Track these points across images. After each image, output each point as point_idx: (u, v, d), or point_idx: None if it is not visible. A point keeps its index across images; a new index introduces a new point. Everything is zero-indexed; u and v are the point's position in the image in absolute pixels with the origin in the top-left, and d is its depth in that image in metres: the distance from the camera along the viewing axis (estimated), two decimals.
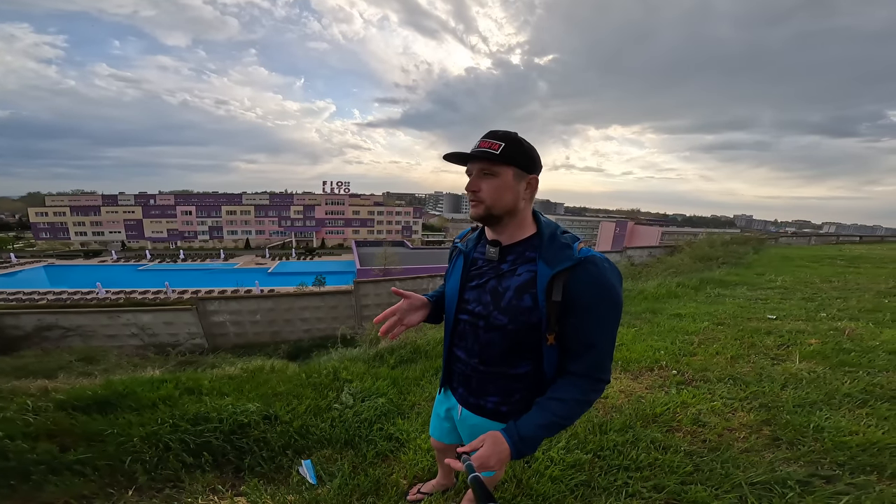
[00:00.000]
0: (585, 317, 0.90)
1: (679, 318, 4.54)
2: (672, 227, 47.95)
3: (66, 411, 2.23)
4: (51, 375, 3.87)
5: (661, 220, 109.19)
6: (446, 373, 1.19)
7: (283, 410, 2.38)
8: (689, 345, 3.55)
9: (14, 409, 2.09)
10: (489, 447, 0.84)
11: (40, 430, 1.90)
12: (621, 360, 3.24)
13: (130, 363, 5.04)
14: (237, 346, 8.18)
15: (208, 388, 2.79)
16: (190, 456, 1.84)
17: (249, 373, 3.31)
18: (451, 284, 1.10)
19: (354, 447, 2.06)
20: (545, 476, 1.75)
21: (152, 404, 2.41)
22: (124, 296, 23.07)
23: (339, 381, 2.83)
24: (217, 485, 1.70)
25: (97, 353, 5.80)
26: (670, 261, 10.97)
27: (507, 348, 1.00)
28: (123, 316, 8.52)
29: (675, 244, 13.67)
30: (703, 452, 1.90)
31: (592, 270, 0.89)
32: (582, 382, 0.93)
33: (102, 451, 1.76)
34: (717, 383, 2.71)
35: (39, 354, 5.44)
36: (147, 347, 7.57)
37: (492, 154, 0.92)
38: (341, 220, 58.56)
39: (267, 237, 55.08)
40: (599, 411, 2.39)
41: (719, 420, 2.21)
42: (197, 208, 53.78)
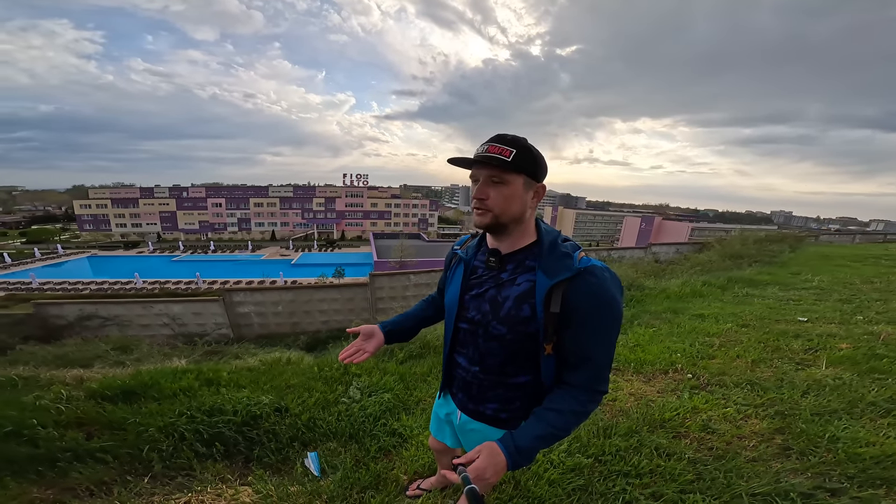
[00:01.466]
0: (583, 328, 0.89)
1: (701, 318, 4.39)
2: (703, 223, 46.06)
3: (96, 400, 2.39)
4: (87, 364, 4.17)
5: (692, 215, 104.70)
6: (446, 378, 1.20)
7: (293, 403, 2.47)
8: (709, 347, 3.43)
9: (49, 398, 2.26)
10: (485, 459, 0.83)
11: (70, 418, 2.05)
12: (634, 361, 3.17)
13: (161, 353, 5.33)
14: (260, 337, 8.51)
15: (226, 380, 2.92)
16: (203, 446, 1.95)
17: (267, 365, 3.45)
18: (451, 292, 1.10)
19: (358, 441, 2.12)
20: (543, 479, 1.74)
21: (173, 395, 2.55)
22: (159, 286, 24.31)
23: (348, 375, 2.91)
24: (227, 474, 1.79)
25: (131, 342, 6.17)
26: (698, 258, 10.58)
27: (505, 357, 1.00)
28: (156, 306, 9.00)
29: (705, 241, 13.13)
30: (708, 460, 1.85)
31: (592, 281, 0.88)
32: (579, 394, 0.92)
33: (124, 440, 1.89)
34: (733, 388, 2.62)
35: (80, 343, 5.84)
36: (177, 337, 7.99)
37: (503, 161, 0.88)
38: (360, 213, 59.55)
39: (291, 229, 56.62)
40: (606, 415, 2.36)
41: (730, 427, 2.13)
42: (226, 200, 55.74)
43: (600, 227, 77.00)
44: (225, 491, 1.57)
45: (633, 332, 3.99)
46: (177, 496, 1.50)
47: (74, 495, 1.53)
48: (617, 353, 3.39)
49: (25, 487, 1.51)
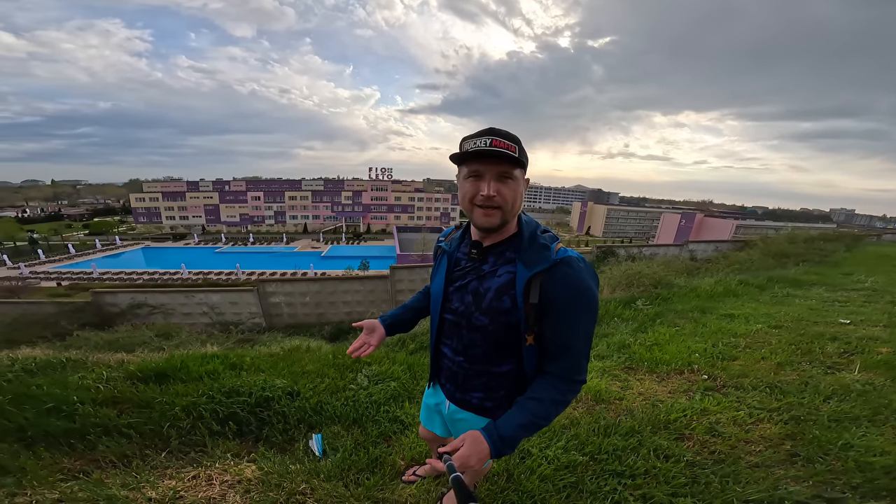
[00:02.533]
0: (561, 318, 0.91)
1: (730, 318, 4.22)
2: (750, 221, 43.22)
3: (132, 381, 2.62)
4: (132, 349, 4.57)
5: (738, 212, 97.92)
6: (434, 368, 1.24)
7: (305, 388, 2.60)
8: (733, 348, 3.29)
9: (92, 378, 2.51)
10: (469, 447, 0.85)
11: (107, 396, 2.28)
12: (649, 360, 3.09)
13: (198, 339, 5.75)
14: (289, 326, 8.96)
15: (248, 365, 3.12)
16: (218, 424, 2.11)
17: (287, 352, 3.64)
18: (435, 284, 1.13)
19: (361, 426, 2.22)
20: (536, 473, 1.76)
21: (199, 377, 2.76)
22: (202, 276, 25.94)
23: (359, 363, 3.03)
24: (237, 451, 1.94)
25: (173, 329, 6.69)
26: (737, 257, 10.11)
27: (489, 348, 1.03)
28: (197, 295, 9.67)
29: (748, 239, 12.37)
30: (707, 464, 1.80)
31: (567, 272, 0.90)
32: (559, 383, 0.94)
33: (149, 417, 2.08)
34: (750, 391, 2.51)
35: (129, 330, 6.40)
36: (214, 325, 8.55)
37: (512, 156, 0.87)
38: (384, 206, 60.49)
39: (322, 222, 58.44)
40: (610, 413, 2.33)
41: (737, 431, 2.06)
42: (264, 194, 58.12)
43: (634, 224, 73.59)
44: (231, 467, 1.70)
45: (654, 331, 3.89)
46: (187, 469, 1.65)
47: (98, 466, 1.71)
48: (632, 351, 3.33)
49: (57, 458, 1.71)
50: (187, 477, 1.59)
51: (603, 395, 2.51)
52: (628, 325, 4.33)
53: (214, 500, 1.45)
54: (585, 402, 2.49)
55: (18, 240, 41.53)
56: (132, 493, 1.37)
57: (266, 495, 1.50)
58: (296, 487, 1.57)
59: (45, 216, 73.53)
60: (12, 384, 2.30)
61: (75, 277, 25.95)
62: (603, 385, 2.64)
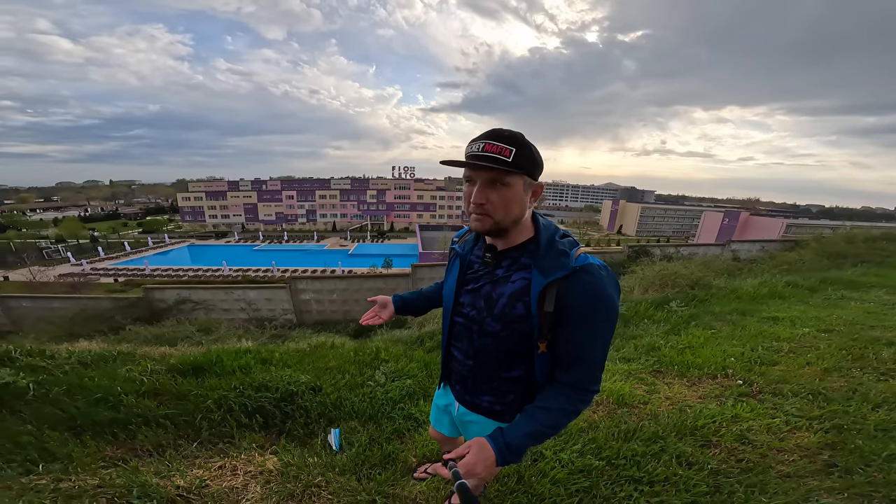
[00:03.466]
0: (577, 328, 0.88)
1: (774, 321, 3.98)
2: (802, 220, 40.14)
3: (172, 374, 2.83)
4: (174, 343, 4.91)
5: (788, 210, 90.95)
6: (445, 370, 1.24)
7: (327, 383, 2.70)
8: (774, 353, 3.10)
9: (137, 371, 2.73)
10: (475, 454, 0.84)
11: (149, 388, 2.46)
12: (680, 364, 2.97)
13: (235, 335, 6.09)
14: (317, 322, 9.32)
15: (277, 360, 3.28)
16: (246, 417, 2.23)
17: (312, 348, 3.79)
18: (448, 286, 1.12)
19: (376, 422, 2.28)
20: (548, 476, 1.73)
21: (232, 371, 2.93)
22: (242, 273, 27.31)
23: (378, 361, 3.10)
24: (262, 443, 2.05)
25: (213, 324, 7.13)
26: (786, 257, 9.48)
27: (500, 353, 1.02)
28: (236, 292, 10.24)
29: (799, 238, 11.53)
30: (733, 473, 1.71)
31: (587, 280, 0.86)
32: (570, 393, 0.92)
33: (184, 409, 2.24)
34: (789, 398, 2.36)
35: (174, 324, 6.88)
36: (251, 321, 9.03)
37: (504, 161, 0.83)
38: (407, 205, 61.14)
39: (349, 220, 59.92)
40: (633, 418, 2.26)
41: (770, 439, 1.94)
42: (297, 193, 60.17)
43: (672, 223, 70.15)
44: (255, 458, 1.81)
45: (688, 334, 3.72)
46: (214, 460, 1.76)
47: (135, 454, 1.86)
48: (661, 354, 3.21)
49: (101, 446, 1.88)
50: (214, 467, 1.70)
51: (626, 398, 2.43)
52: (659, 327, 4.17)
53: (237, 490, 1.55)
54: (606, 405, 2.42)
55: (81, 238, 45.48)
56: (163, 480, 1.49)
57: (284, 486, 1.58)
58: (312, 480, 1.64)
59: (105, 215, 79.90)
60: (68, 375, 2.55)
61: (130, 274, 28.02)
62: (627, 388, 2.56)
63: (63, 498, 1.31)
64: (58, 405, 2.12)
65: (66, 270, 26.86)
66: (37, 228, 54.37)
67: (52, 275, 23.37)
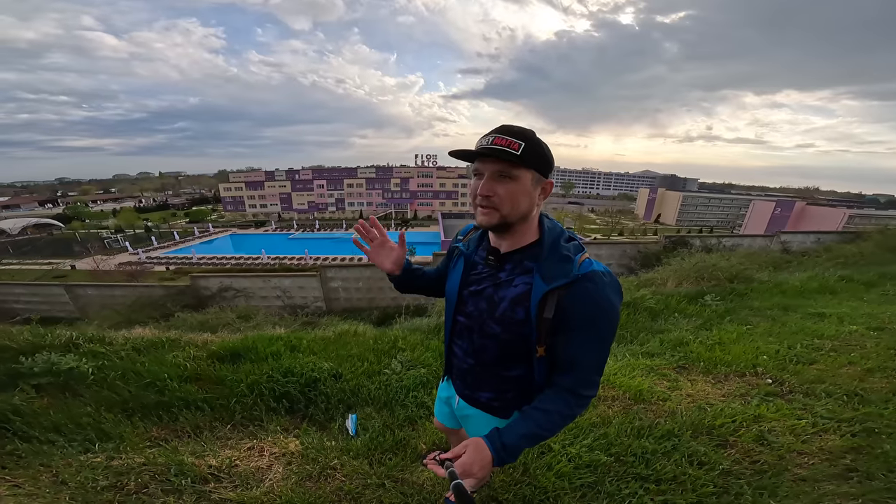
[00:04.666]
0: (576, 335, 0.90)
1: (819, 318, 3.76)
2: (868, 210, 36.38)
3: (212, 360, 3.08)
4: (216, 330, 5.30)
5: (853, 200, 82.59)
6: (447, 364, 1.28)
7: (347, 370, 2.84)
8: (814, 351, 2.95)
9: (182, 357, 3.00)
10: (471, 455, 0.85)
11: (191, 373, 2.70)
12: (707, 360, 2.88)
13: (270, 322, 6.48)
14: (345, 310, 9.70)
15: (304, 347, 3.48)
16: (274, 401, 2.42)
17: (337, 335, 3.99)
18: (450, 285, 1.14)
19: (390, 409, 2.39)
20: (553, 469, 1.77)
21: (265, 358, 3.14)
22: (278, 262, 28.56)
23: (395, 349, 3.23)
24: (287, 426, 2.23)
25: (251, 311, 7.60)
26: (844, 250, 8.75)
27: (499, 354, 1.04)
28: (272, 280, 10.82)
29: (861, 230, 10.55)
30: (745, 474, 1.67)
31: (590, 288, 0.87)
32: (568, 397, 0.93)
33: (220, 393, 2.45)
34: (822, 399, 2.25)
35: (217, 311, 7.38)
36: (285, 308, 9.54)
37: (512, 154, 0.84)
38: (430, 192, 60.91)
39: (374, 208, 60.66)
40: (649, 414, 2.24)
41: (791, 441, 1.87)
42: (327, 182, 61.59)
43: (717, 212, 65.82)
44: (280, 440, 1.97)
45: (720, 330, 3.59)
46: (244, 441, 1.94)
47: (176, 435, 2.07)
48: (688, 349, 3.13)
49: (148, 427, 2.10)
50: (244, 448, 1.88)
51: (644, 394, 2.40)
52: (690, 322, 4.03)
53: (262, 470, 1.71)
54: (622, 401, 2.40)
55: (137, 227, 49.22)
56: (198, 460, 1.67)
57: (303, 468, 1.73)
58: (328, 462, 1.78)
59: (156, 205, 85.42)
60: (123, 361, 2.85)
61: (179, 262, 29.98)
62: (646, 384, 2.52)
63: (113, 474, 1.50)
64: (113, 389, 2.39)
65: (124, 259, 29.25)
66: (98, 219, 59.31)
67: (113, 263, 25.55)
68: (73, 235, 43.02)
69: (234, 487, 1.57)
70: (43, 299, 11.14)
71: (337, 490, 1.62)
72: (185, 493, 1.48)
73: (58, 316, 10.01)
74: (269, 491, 1.56)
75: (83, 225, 52.08)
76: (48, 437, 1.88)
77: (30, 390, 2.28)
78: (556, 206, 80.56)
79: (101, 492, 1.43)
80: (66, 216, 59.49)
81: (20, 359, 2.56)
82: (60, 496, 1.40)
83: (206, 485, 1.55)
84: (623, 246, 11.15)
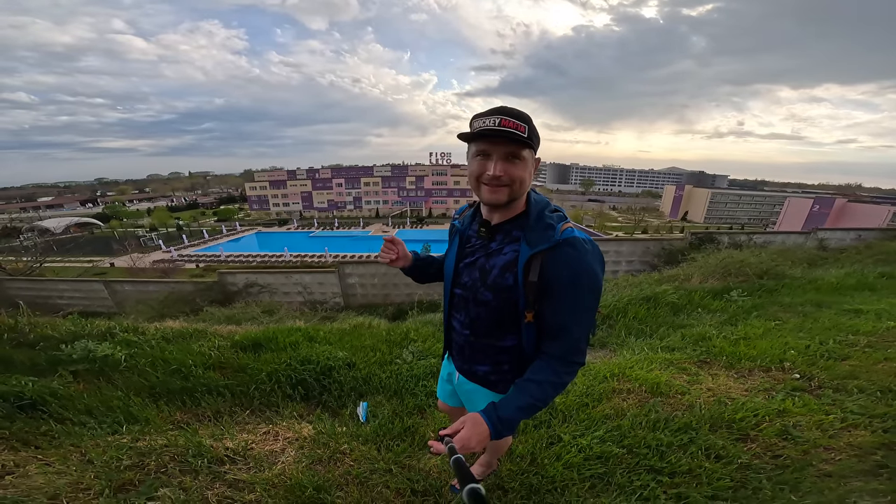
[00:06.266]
0: (560, 298, 0.93)
1: (855, 314, 3.58)
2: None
3: (235, 349, 3.22)
4: (240, 323, 5.51)
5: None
6: (447, 340, 1.31)
7: (360, 360, 2.91)
8: (847, 346, 2.79)
9: (207, 347, 3.14)
10: (469, 429, 0.89)
11: (215, 361, 2.84)
12: (730, 354, 2.78)
13: (292, 316, 6.68)
14: (361, 306, 9.86)
15: (321, 338, 3.59)
16: (290, 388, 2.51)
17: (352, 327, 4.08)
18: (448, 260, 1.19)
19: (400, 397, 2.43)
20: (562, 460, 1.76)
21: (283, 347, 3.26)
22: (300, 259, 29.30)
23: (407, 340, 3.27)
24: (301, 412, 2.30)
25: (275, 306, 7.84)
26: (885, 246, 8.33)
27: (492, 322, 1.08)
28: (294, 276, 11.11)
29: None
30: (765, 469, 1.60)
31: (570, 252, 0.91)
32: (557, 365, 0.96)
33: (241, 380, 2.56)
34: (853, 394, 2.13)
35: (243, 306, 7.65)
36: (306, 304, 9.79)
37: (521, 137, 0.89)
38: (444, 190, 60.96)
39: (390, 206, 61.19)
40: (666, 407, 2.18)
41: (818, 436, 1.78)
42: (345, 180, 62.56)
43: (748, 209, 62.92)
44: (294, 426, 2.04)
45: (746, 325, 3.47)
46: (261, 426, 2.01)
47: (197, 419, 2.17)
48: (711, 344, 3.03)
49: (172, 411, 2.22)
50: (260, 432, 1.95)
51: (662, 387, 2.34)
52: (714, 317, 3.91)
53: (276, 453, 1.77)
54: (638, 393, 2.35)
55: (169, 226, 51.55)
56: (216, 442, 1.74)
57: (315, 452, 1.78)
58: (339, 447, 1.82)
59: (187, 205, 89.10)
60: (153, 349, 3.02)
61: (208, 260, 31.20)
62: (664, 378, 2.45)
63: (137, 454, 1.59)
64: (143, 375, 2.54)
65: (158, 257, 30.73)
66: (134, 218, 62.51)
67: (148, 261, 26.89)
68: (112, 234, 45.48)
69: (247, 469, 1.63)
70: (84, 295, 11.87)
71: (345, 474, 1.66)
72: (201, 474, 1.55)
73: (98, 311, 10.64)
74: (281, 473, 1.61)
75: (121, 224, 54.99)
76: (80, 419, 2.00)
77: (67, 375, 2.46)
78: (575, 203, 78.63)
79: (123, 471, 1.51)
80: (106, 215, 63.00)
81: (60, 346, 2.76)
82: (86, 474, 1.49)
83: (222, 466, 1.62)
84: (646, 243, 10.85)
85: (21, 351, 2.92)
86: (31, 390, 2.11)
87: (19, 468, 1.54)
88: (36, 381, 2.23)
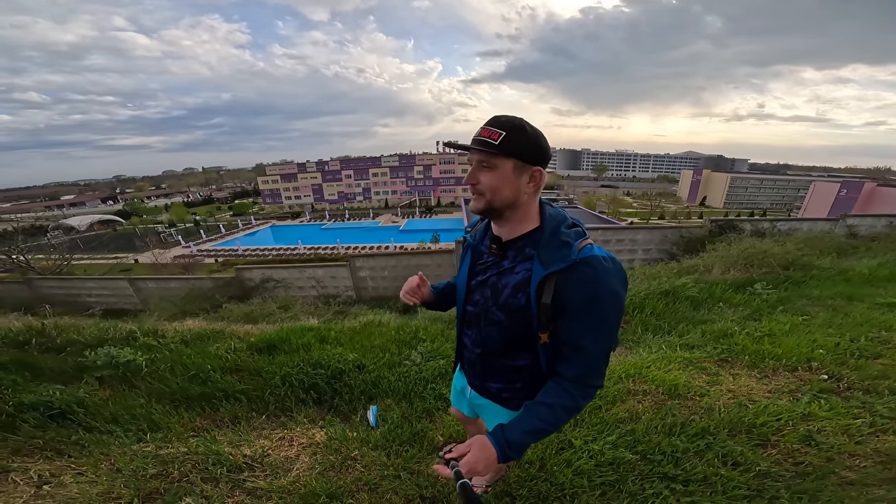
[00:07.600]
0: (576, 321, 0.90)
1: (889, 308, 3.42)
2: None
3: (251, 351, 3.27)
4: (257, 321, 5.62)
5: None
6: (458, 354, 1.30)
7: (370, 362, 2.93)
8: (880, 344, 2.68)
9: (224, 349, 3.21)
10: (476, 452, 0.87)
11: (232, 365, 2.89)
12: (753, 353, 2.70)
13: (306, 312, 6.79)
14: (373, 299, 9.96)
15: (332, 339, 3.62)
16: (303, 392, 2.54)
17: (362, 326, 4.10)
18: (461, 276, 1.18)
19: (409, 400, 2.44)
20: (572, 466, 1.74)
21: (296, 349, 3.29)
22: (313, 252, 29.58)
23: (416, 340, 3.28)
24: (314, 417, 2.34)
25: (290, 302, 7.99)
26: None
27: (505, 342, 1.06)
28: (307, 270, 11.27)
29: None
30: (785, 477, 1.56)
31: (587, 273, 0.88)
32: (572, 388, 0.93)
33: (257, 384, 2.60)
34: (884, 396, 2.05)
35: (260, 303, 7.80)
36: (320, 297, 9.94)
37: (490, 144, 0.89)
38: (452, 179, 60.49)
39: (399, 196, 61.25)
40: (683, 410, 2.13)
41: (844, 442, 1.72)
42: (354, 172, 62.72)
43: (770, 194, 60.68)
44: (308, 431, 2.09)
45: (771, 320, 3.33)
46: (277, 431, 2.06)
47: (216, 425, 2.23)
48: (733, 341, 2.94)
49: (192, 417, 2.28)
50: (276, 437, 2.00)
51: (680, 389, 2.29)
52: (737, 312, 3.78)
53: (290, 459, 1.82)
54: (655, 395, 2.30)
55: (187, 222, 52.67)
56: (234, 449, 1.80)
57: (327, 458, 1.81)
58: (349, 453, 1.85)
59: (202, 200, 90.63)
60: (173, 353, 3.11)
61: (226, 254, 31.59)
62: (682, 379, 2.39)
63: (160, 463, 1.65)
64: (163, 381, 2.61)
65: (178, 252, 31.55)
66: (153, 214, 64.10)
67: (169, 257, 27.66)
68: (133, 230, 46.83)
69: (264, 476, 1.68)
70: (111, 292, 12.32)
71: (356, 480, 1.69)
72: (221, 482, 1.60)
73: (125, 308, 11.04)
74: (296, 480, 1.65)
75: (141, 220, 56.52)
76: (107, 428, 2.08)
77: (93, 382, 2.55)
78: (588, 189, 76.96)
79: (149, 479, 1.57)
80: (126, 212, 64.81)
81: (85, 353, 2.87)
82: (116, 483, 1.55)
83: (241, 473, 1.67)
84: (664, 231, 10.50)
85: (48, 356, 3.04)
86: (60, 399, 2.20)
87: (55, 477, 1.62)
88: (63, 390, 2.32)
